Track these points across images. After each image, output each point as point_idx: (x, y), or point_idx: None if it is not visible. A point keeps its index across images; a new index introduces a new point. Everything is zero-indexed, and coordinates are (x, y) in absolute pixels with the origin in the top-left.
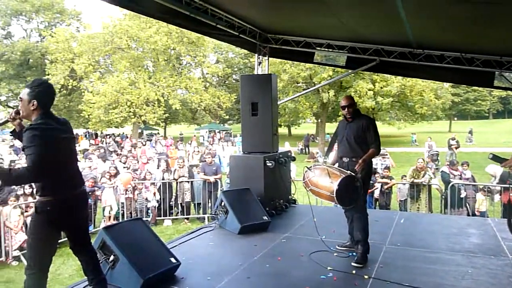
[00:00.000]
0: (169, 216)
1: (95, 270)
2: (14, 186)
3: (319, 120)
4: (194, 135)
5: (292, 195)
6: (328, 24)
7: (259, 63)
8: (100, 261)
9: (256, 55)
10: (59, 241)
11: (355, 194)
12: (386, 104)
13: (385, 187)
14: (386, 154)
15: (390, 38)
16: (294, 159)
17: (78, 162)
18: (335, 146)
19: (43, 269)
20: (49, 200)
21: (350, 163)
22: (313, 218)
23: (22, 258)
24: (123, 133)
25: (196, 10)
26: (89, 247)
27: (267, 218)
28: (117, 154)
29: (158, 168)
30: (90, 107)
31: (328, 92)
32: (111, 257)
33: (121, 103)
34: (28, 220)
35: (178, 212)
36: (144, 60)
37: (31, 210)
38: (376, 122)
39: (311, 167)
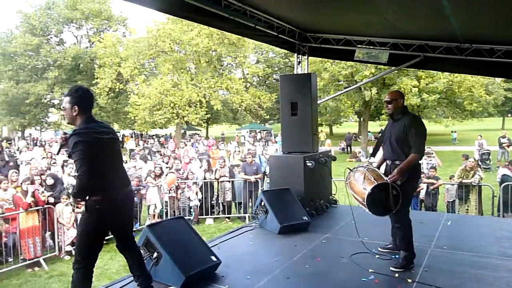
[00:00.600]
0: (211, 215)
1: (140, 267)
2: (65, 185)
3: (361, 119)
4: (236, 135)
5: (333, 195)
6: (369, 21)
7: (299, 63)
8: (144, 258)
9: (296, 54)
10: (107, 237)
11: (391, 203)
12: (432, 101)
13: (431, 187)
14: (432, 153)
15: (435, 33)
16: (334, 159)
17: (124, 163)
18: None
19: (89, 264)
20: (97, 200)
21: (392, 167)
22: (353, 219)
23: (74, 252)
24: (167, 134)
25: (235, 12)
26: (134, 246)
27: (307, 219)
28: (161, 154)
29: (200, 168)
30: (136, 109)
31: (371, 90)
32: (155, 254)
33: (164, 104)
34: (79, 216)
35: (219, 211)
36: (186, 62)
37: (82, 207)
38: (423, 121)
39: (353, 168)
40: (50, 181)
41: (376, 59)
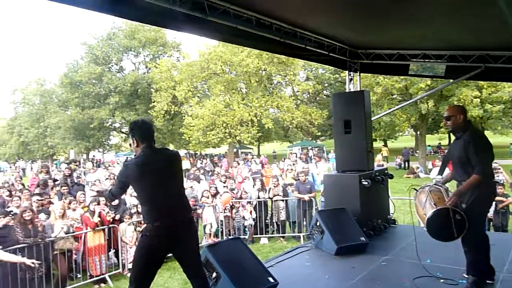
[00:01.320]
0: (265, 234)
1: None
2: (128, 205)
3: (418, 133)
4: (290, 153)
5: (391, 214)
6: (423, 35)
7: (350, 80)
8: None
9: (347, 71)
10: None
11: (455, 227)
12: (496, 112)
13: (500, 206)
14: (499, 168)
15: (496, 42)
16: (391, 176)
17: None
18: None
19: (141, 286)
20: (149, 227)
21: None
22: (414, 240)
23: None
24: (220, 153)
25: (286, 34)
26: (200, 273)
27: (364, 239)
28: (215, 174)
29: (253, 187)
30: (190, 130)
31: (427, 103)
32: (214, 274)
33: (217, 124)
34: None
35: (273, 230)
36: (237, 83)
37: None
38: (486, 133)
39: (419, 188)
40: (114, 202)
41: (432, 72)
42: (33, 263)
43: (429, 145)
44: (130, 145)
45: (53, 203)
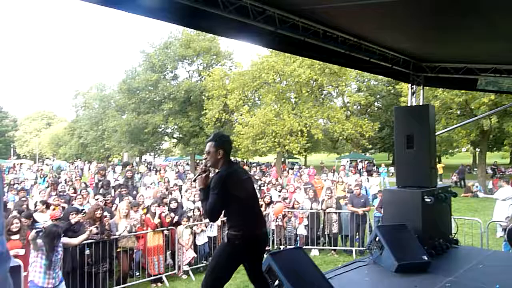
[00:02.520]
0: (316, 245)
1: None
2: (185, 209)
3: (478, 150)
4: (343, 165)
5: (453, 234)
6: (494, 48)
7: (413, 93)
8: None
9: (409, 85)
10: None
11: None
12: None
13: None
14: None
15: None
16: (455, 195)
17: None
18: None
19: (220, 285)
20: (237, 235)
21: None
22: (480, 262)
23: (191, 273)
24: (268, 162)
25: (351, 47)
26: (262, 277)
27: (427, 258)
28: (265, 183)
29: (305, 197)
30: (240, 138)
31: (490, 119)
32: (276, 282)
33: (267, 133)
34: (197, 241)
35: (325, 243)
36: (288, 93)
37: (199, 230)
38: None
39: None
40: (174, 205)
41: (501, 87)
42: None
43: (489, 164)
44: (208, 153)
45: (115, 203)
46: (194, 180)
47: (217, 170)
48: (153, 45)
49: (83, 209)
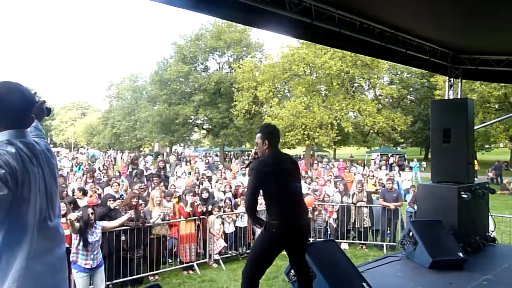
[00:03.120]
0: (346, 239)
1: (309, 286)
2: (216, 199)
3: None
4: (374, 160)
5: (491, 232)
6: None
7: (450, 86)
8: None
9: (447, 78)
10: (248, 251)
11: None
12: None
13: None
14: None
15: None
16: (493, 191)
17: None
18: None
19: (256, 276)
20: (275, 223)
21: None
22: None
23: (221, 262)
24: (297, 154)
25: (387, 39)
26: (305, 268)
27: (462, 255)
28: None
29: (335, 190)
30: None
31: None
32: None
33: (296, 126)
34: (227, 230)
35: (355, 237)
36: (318, 85)
37: (229, 220)
38: None
39: None
40: (205, 195)
41: None
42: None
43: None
44: (256, 144)
45: (148, 192)
46: (247, 166)
47: None
48: (184, 37)
49: (122, 195)
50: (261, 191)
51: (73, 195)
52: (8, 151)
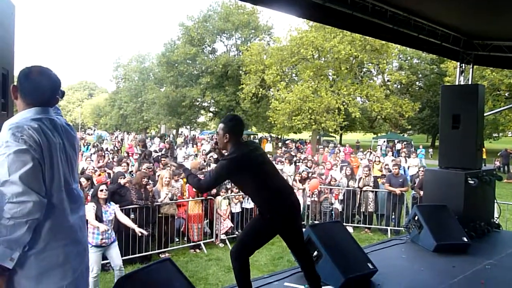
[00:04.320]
0: (351, 223)
1: (311, 269)
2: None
3: None
4: (380, 146)
5: (496, 218)
6: None
7: (461, 72)
8: None
9: (458, 63)
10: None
11: None
12: None
13: None
14: None
15: None
16: (500, 178)
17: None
18: None
19: (247, 258)
20: (269, 209)
21: None
22: None
23: (227, 241)
24: (302, 139)
25: (399, 22)
26: (305, 251)
27: (466, 240)
28: (300, 159)
29: (341, 174)
30: (276, 114)
31: None
32: (315, 253)
33: (303, 110)
34: (233, 210)
35: (360, 221)
36: (326, 69)
37: (236, 200)
38: None
39: None
40: None
41: None
42: (141, 232)
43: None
44: (216, 133)
45: (156, 172)
46: (207, 154)
47: (225, 152)
48: (192, 18)
49: (131, 171)
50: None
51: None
52: (32, 126)
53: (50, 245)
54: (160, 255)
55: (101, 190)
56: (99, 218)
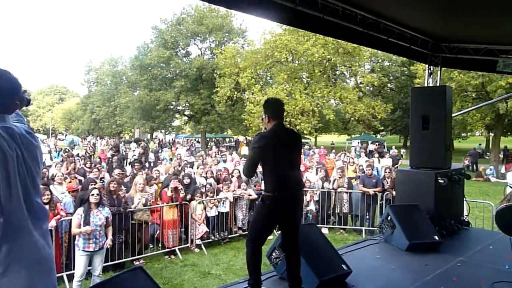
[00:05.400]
0: (326, 224)
1: (295, 269)
2: (197, 184)
3: (491, 134)
4: (353, 147)
5: (465, 216)
6: None
7: (430, 74)
8: (280, 259)
9: (427, 65)
10: (230, 236)
11: None
12: None
13: None
14: None
15: None
16: (468, 177)
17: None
18: None
19: (258, 244)
20: (269, 196)
21: None
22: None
23: (203, 246)
24: None
25: (369, 26)
26: (295, 246)
27: (438, 238)
28: None
29: (317, 177)
30: (251, 116)
31: (506, 102)
32: None
33: None
34: (209, 214)
35: (335, 222)
36: (300, 72)
37: (211, 205)
38: None
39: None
40: (187, 181)
41: None
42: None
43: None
44: (262, 119)
45: (128, 177)
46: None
47: None
48: (165, 21)
49: (103, 177)
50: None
51: (53, 181)
52: None
53: (11, 268)
54: (134, 262)
55: (93, 195)
56: (87, 222)
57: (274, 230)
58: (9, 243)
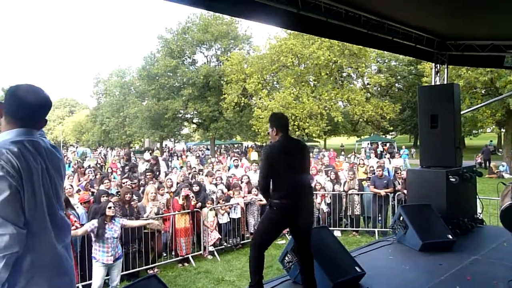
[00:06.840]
0: (339, 227)
1: (309, 271)
2: (208, 192)
3: (503, 130)
4: (363, 148)
5: (479, 214)
6: None
7: (437, 72)
8: (292, 263)
9: (433, 64)
10: (242, 242)
11: None
12: None
13: None
14: None
15: None
16: (480, 174)
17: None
18: None
19: (261, 247)
20: (277, 203)
21: None
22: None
23: (216, 253)
24: None
25: (373, 27)
26: (307, 251)
27: (451, 237)
28: None
29: (327, 180)
30: (259, 122)
31: None
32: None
33: None
34: (221, 221)
35: (347, 224)
36: (306, 75)
37: (223, 211)
38: None
39: (509, 183)
40: (196, 188)
41: None
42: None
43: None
44: (268, 133)
45: (142, 187)
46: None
47: None
48: (171, 30)
49: (112, 193)
50: None
51: (64, 193)
52: (10, 150)
53: (33, 281)
54: (147, 271)
55: (110, 208)
56: (100, 235)
57: (286, 234)
58: (32, 254)
